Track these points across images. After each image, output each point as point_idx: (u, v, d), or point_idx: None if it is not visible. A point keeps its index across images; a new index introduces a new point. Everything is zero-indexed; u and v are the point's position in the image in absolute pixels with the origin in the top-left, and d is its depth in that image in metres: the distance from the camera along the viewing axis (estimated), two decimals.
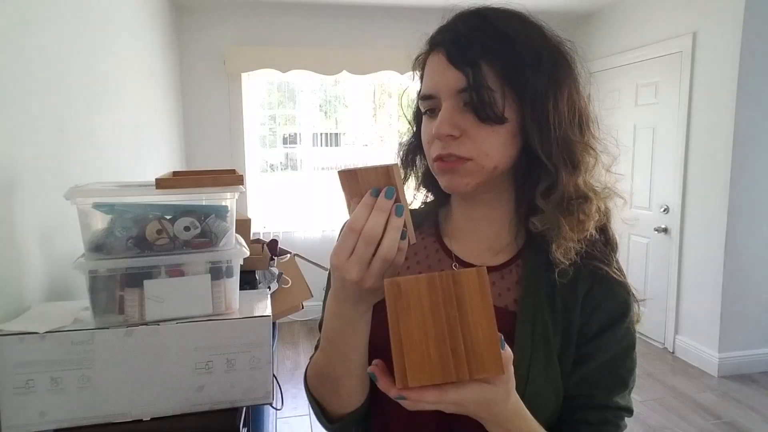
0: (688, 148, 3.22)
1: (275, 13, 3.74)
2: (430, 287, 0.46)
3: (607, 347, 0.63)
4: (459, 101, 0.60)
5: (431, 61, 0.63)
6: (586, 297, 0.64)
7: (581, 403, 0.63)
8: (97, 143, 1.74)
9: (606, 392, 0.63)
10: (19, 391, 0.90)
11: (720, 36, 2.96)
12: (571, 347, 0.63)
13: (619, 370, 0.64)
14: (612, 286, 0.64)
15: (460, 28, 0.61)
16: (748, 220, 2.99)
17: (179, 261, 1.00)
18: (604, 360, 0.63)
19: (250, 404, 1.03)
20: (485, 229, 0.70)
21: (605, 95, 3.93)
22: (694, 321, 3.25)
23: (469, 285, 0.46)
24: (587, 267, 0.64)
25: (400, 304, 0.46)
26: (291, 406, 2.74)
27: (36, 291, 1.17)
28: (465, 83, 0.58)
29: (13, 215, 1.10)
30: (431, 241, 0.74)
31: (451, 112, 0.60)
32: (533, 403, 0.59)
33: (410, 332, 0.45)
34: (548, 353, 0.62)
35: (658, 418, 2.63)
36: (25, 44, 1.21)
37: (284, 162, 4.14)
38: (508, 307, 0.65)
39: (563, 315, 0.63)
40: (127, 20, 2.31)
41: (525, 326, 0.62)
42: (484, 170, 0.61)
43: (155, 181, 1.00)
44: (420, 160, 0.75)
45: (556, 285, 0.63)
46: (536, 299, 0.64)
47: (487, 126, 0.59)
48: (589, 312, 0.64)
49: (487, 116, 0.58)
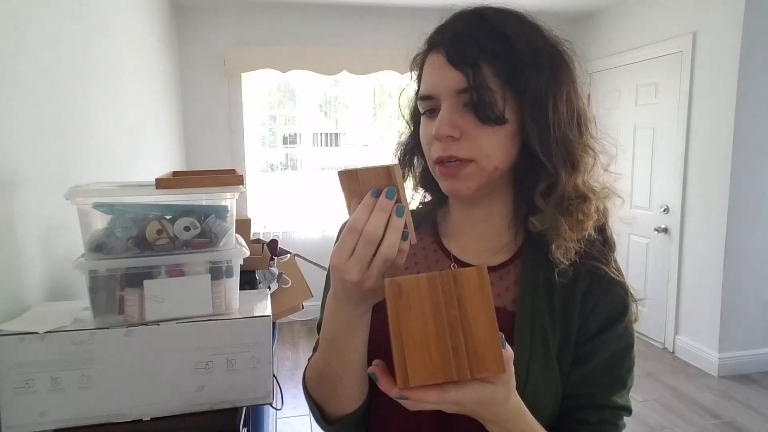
0: (688, 148, 3.22)
1: (275, 13, 3.74)
2: (430, 287, 0.46)
3: (606, 347, 0.63)
4: (459, 102, 0.60)
5: (430, 62, 0.63)
6: (584, 297, 0.64)
7: (580, 402, 0.63)
8: (97, 143, 1.74)
9: (605, 392, 0.63)
10: (19, 391, 0.90)
11: (720, 36, 2.96)
12: (569, 347, 0.63)
13: (617, 369, 0.64)
14: (610, 286, 0.64)
15: (459, 27, 0.61)
16: (748, 220, 2.99)
17: (179, 261, 1.00)
18: (602, 360, 0.63)
19: (250, 404, 1.03)
20: (484, 229, 0.69)
21: (605, 95, 3.93)
22: (694, 321, 3.25)
23: (469, 284, 0.46)
24: (585, 267, 0.64)
25: (401, 304, 0.46)
26: (291, 406, 2.74)
27: (36, 291, 1.17)
28: (465, 84, 0.58)
29: (13, 215, 1.10)
30: (429, 241, 0.74)
31: (451, 112, 0.60)
32: (532, 403, 0.59)
33: (411, 332, 0.45)
34: (547, 353, 0.62)
35: (658, 418, 2.63)
36: (25, 44, 1.21)
37: (284, 162, 4.14)
38: (506, 307, 0.65)
39: (562, 315, 0.63)
40: (127, 20, 2.31)
41: (523, 326, 0.62)
42: (485, 172, 0.61)
43: (155, 181, 1.00)
44: (418, 160, 0.74)
45: (555, 285, 0.63)
46: (535, 299, 0.64)
47: (487, 127, 0.59)
48: (587, 312, 0.64)
49: (487, 117, 0.58)
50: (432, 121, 0.62)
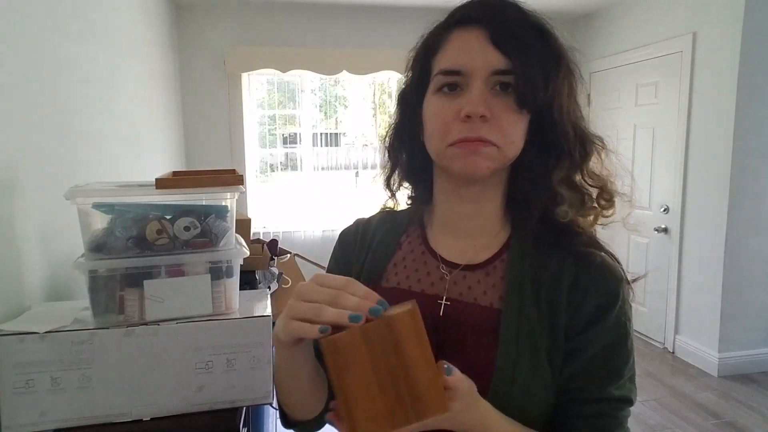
0: (688, 148, 3.22)
1: (275, 13, 3.74)
2: (365, 339, 0.46)
3: (598, 340, 0.61)
4: (491, 83, 0.59)
5: (463, 36, 0.61)
6: (571, 289, 0.62)
7: (574, 397, 0.62)
8: (97, 143, 1.74)
9: (600, 385, 0.61)
10: (19, 391, 0.90)
11: (720, 36, 2.96)
12: (560, 342, 0.61)
13: (612, 361, 0.62)
14: (599, 274, 0.63)
15: (500, 10, 0.60)
16: (748, 220, 2.99)
17: (179, 261, 1.00)
18: (595, 353, 0.61)
19: (250, 404, 1.03)
20: (470, 226, 0.69)
21: (605, 95, 3.93)
22: (694, 321, 3.25)
23: (403, 328, 0.46)
24: (572, 255, 0.64)
25: (340, 361, 0.46)
26: None
27: (36, 291, 1.17)
28: (505, 65, 0.57)
29: (13, 215, 1.10)
30: (417, 243, 0.73)
31: (485, 92, 0.58)
32: (522, 402, 0.59)
33: (353, 387, 0.46)
34: (535, 350, 0.61)
35: (658, 418, 2.63)
36: (24, 44, 1.21)
37: (284, 162, 4.14)
38: (492, 305, 0.64)
39: (549, 310, 0.62)
40: (127, 20, 2.30)
41: (510, 324, 0.61)
42: (505, 158, 0.62)
43: (155, 181, 1.00)
44: (406, 148, 0.72)
45: (542, 279, 0.63)
46: (521, 295, 0.63)
47: (515, 113, 0.59)
48: (576, 304, 0.62)
49: (527, 102, 0.58)
50: (452, 99, 0.60)
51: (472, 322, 0.64)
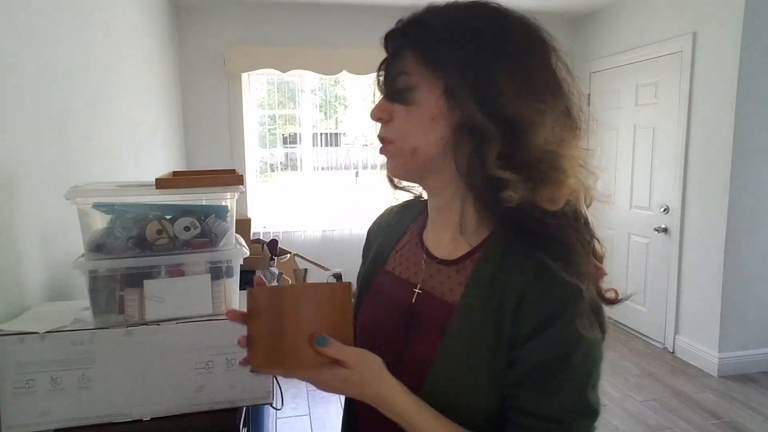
0: (688, 148, 3.22)
1: (275, 13, 3.74)
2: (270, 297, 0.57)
3: (534, 355, 0.58)
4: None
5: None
6: (520, 299, 0.59)
7: (512, 405, 0.60)
8: (97, 143, 1.74)
9: (531, 400, 0.59)
10: (19, 391, 0.90)
11: (720, 36, 2.96)
12: (503, 350, 0.59)
13: (548, 378, 0.58)
14: (548, 287, 0.58)
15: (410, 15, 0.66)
16: (748, 220, 2.99)
17: (179, 261, 1.00)
18: (531, 366, 0.58)
19: (250, 404, 1.03)
20: (445, 219, 0.69)
21: (605, 95, 3.93)
22: (694, 321, 3.25)
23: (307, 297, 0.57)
24: (534, 262, 0.59)
25: (253, 307, 0.58)
26: (291, 406, 2.74)
27: (36, 291, 1.17)
28: (384, 68, 0.66)
29: (13, 215, 1.10)
30: (415, 234, 0.77)
31: (384, 98, 0.66)
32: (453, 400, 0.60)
33: (255, 330, 0.57)
34: (478, 351, 0.60)
35: (658, 418, 2.63)
36: (24, 44, 1.21)
37: (284, 162, 4.14)
38: (455, 303, 0.64)
39: (496, 317, 0.60)
40: (127, 20, 2.31)
41: (459, 324, 0.62)
42: (404, 152, 0.65)
43: (155, 181, 1.00)
44: None
45: (498, 284, 0.61)
46: (477, 298, 0.62)
47: (403, 108, 0.63)
48: (520, 316, 0.59)
49: (389, 94, 0.65)
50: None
51: (434, 314, 0.66)
